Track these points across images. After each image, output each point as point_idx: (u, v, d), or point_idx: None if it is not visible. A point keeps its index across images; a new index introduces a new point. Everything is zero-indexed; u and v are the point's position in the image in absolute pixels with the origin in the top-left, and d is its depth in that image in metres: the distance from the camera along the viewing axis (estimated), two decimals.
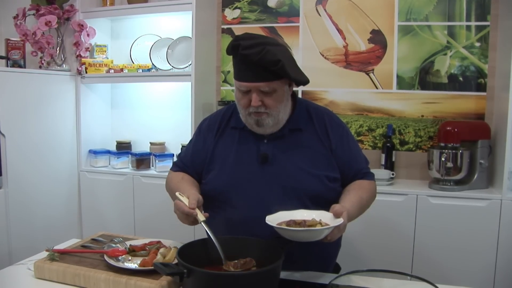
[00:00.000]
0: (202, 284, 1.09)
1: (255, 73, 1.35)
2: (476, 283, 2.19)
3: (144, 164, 2.83)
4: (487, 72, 2.48)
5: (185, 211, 1.30)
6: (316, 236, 1.22)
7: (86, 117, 2.94)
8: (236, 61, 1.40)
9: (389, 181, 2.43)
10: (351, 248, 2.30)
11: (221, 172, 1.49)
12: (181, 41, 2.79)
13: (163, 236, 1.54)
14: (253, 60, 1.31)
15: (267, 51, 1.31)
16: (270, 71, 1.33)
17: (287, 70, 1.32)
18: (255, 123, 1.43)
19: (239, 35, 1.40)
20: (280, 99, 1.41)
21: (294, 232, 1.21)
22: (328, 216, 1.29)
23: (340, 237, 1.60)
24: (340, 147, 1.51)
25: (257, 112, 1.40)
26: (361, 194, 1.45)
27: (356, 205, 1.40)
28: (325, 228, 1.22)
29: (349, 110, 2.71)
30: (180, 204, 1.32)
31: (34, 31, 2.66)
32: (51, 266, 1.31)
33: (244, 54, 1.32)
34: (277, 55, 1.31)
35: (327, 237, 1.24)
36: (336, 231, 1.25)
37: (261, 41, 1.35)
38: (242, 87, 1.38)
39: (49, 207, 2.70)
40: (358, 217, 1.46)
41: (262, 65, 1.32)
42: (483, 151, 2.34)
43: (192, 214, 1.29)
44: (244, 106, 1.41)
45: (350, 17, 2.66)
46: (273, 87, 1.37)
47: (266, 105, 1.38)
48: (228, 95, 2.92)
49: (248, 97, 1.39)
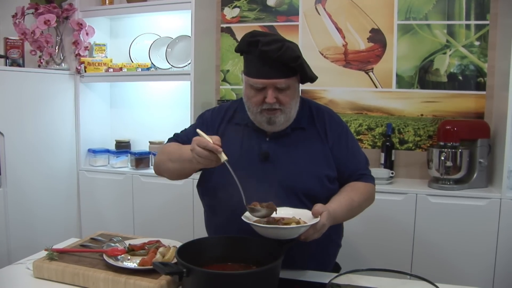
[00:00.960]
0: (201, 283, 1.08)
1: (273, 70, 1.35)
2: (476, 282, 2.19)
3: (143, 163, 2.82)
4: (487, 71, 2.48)
5: (208, 146, 1.22)
6: (290, 234, 1.21)
7: (85, 116, 2.93)
8: (251, 58, 1.39)
9: (388, 180, 2.43)
10: (351, 247, 2.30)
11: (222, 169, 1.48)
12: (180, 40, 2.78)
13: (162, 235, 1.53)
14: (273, 57, 1.31)
15: (287, 48, 1.32)
16: (288, 67, 1.34)
17: (305, 67, 1.35)
18: (266, 121, 1.42)
19: (253, 32, 1.39)
20: (293, 95, 1.42)
21: (266, 229, 1.21)
22: (310, 215, 1.28)
23: (340, 237, 1.60)
24: (337, 146, 1.50)
25: (271, 110, 1.39)
26: (352, 196, 1.43)
27: (344, 207, 1.38)
28: (299, 226, 1.21)
29: (349, 109, 2.70)
30: (203, 140, 1.24)
31: (33, 30, 2.66)
32: (50, 265, 1.30)
33: (264, 50, 1.32)
34: (295, 51, 1.33)
35: (301, 236, 1.23)
36: (312, 231, 1.24)
37: (279, 38, 1.36)
38: (258, 84, 1.38)
39: (48, 207, 2.70)
40: (347, 219, 1.45)
41: (281, 62, 1.32)
42: (482, 150, 2.34)
43: (217, 150, 1.22)
44: (257, 103, 1.40)
45: (349, 16, 2.66)
46: (288, 83, 1.38)
47: (281, 101, 1.39)
48: (227, 94, 2.92)
49: (262, 94, 1.38)
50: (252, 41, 1.35)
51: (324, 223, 1.25)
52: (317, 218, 1.24)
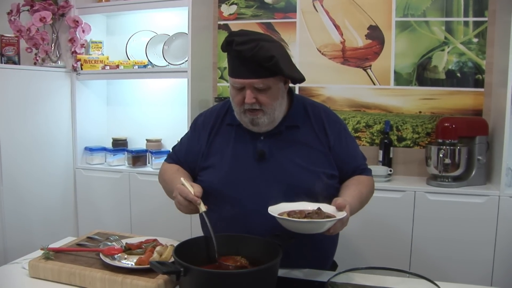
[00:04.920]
0: (199, 282, 1.07)
1: (248, 70, 1.33)
2: (474, 279, 2.18)
3: (140, 161, 2.81)
4: (485, 68, 2.47)
5: (189, 197, 1.31)
6: (319, 228, 1.21)
7: (82, 114, 2.91)
8: (230, 57, 1.38)
9: (386, 178, 2.42)
10: (349, 245, 2.29)
11: (218, 169, 1.47)
12: (177, 37, 2.77)
13: (159, 234, 1.52)
14: (247, 56, 1.30)
15: (261, 47, 1.29)
16: (264, 67, 1.31)
17: (281, 67, 1.30)
18: (249, 122, 1.41)
19: (234, 31, 1.39)
20: (275, 96, 1.39)
21: (297, 224, 1.20)
22: (331, 209, 1.28)
23: (337, 234, 1.60)
24: (338, 144, 1.50)
25: (252, 110, 1.38)
26: (360, 189, 1.45)
27: (356, 200, 1.40)
28: (329, 220, 1.20)
29: (347, 106, 2.70)
30: (184, 190, 1.32)
31: (28, 27, 2.64)
32: (46, 265, 1.29)
33: (237, 50, 1.31)
34: (270, 51, 1.30)
35: (330, 230, 1.24)
36: (339, 224, 1.25)
37: (255, 37, 1.33)
38: (236, 84, 1.37)
39: (45, 205, 2.68)
40: (358, 211, 1.45)
41: (255, 61, 1.30)
42: (481, 147, 2.33)
43: (196, 201, 1.30)
44: (238, 103, 1.40)
45: (347, 13, 2.65)
46: (267, 84, 1.35)
47: (261, 102, 1.37)
48: (224, 92, 2.90)
49: (242, 94, 1.37)
50: (229, 40, 1.34)
51: (349, 216, 1.27)
52: (343, 212, 1.25)
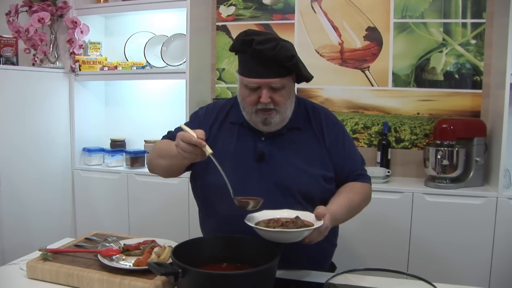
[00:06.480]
0: (197, 284, 1.07)
1: (267, 69, 1.33)
2: (472, 281, 2.19)
3: (138, 162, 2.81)
4: (483, 70, 2.48)
5: (192, 140, 1.21)
6: (294, 237, 1.20)
7: (80, 115, 2.91)
8: (246, 57, 1.37)
9: (384, 179, 2.43)
10: (347, 246, 2.29)
11: (217, 168, 1.47)
12: (175, 38, 2.77)
13: (157, 235, 1.52)
14: (267, 56, 1.30)
15: (282, 47, 1.30)
16: (283, 66, 1.32)
17: (300, 66, 1.33)
18: (261, 122, 1.41)
19: (247, 31, 1.37)
20: (288, 95, 1.40)
21: (271, 233, 1.19)
22: (311, 217, 1.27)
23: (335, 236, 1.60)
24: (334, 146, 1.49)
25: (265, 110, 1.38)
26: (351, 197, 1.43)
27: (344, 208, 1.38)
28: (303, 230, 1.19)
29: (345, 107, 2.70)
30: (187, 135, 1.23)
31: (27, 28, 2.63)
32: (44, 266, 1.29)
33: (258, 49, 1.30)
34: (290, 50, 1.31)
35: (305, 239, 1.22)
36: (316, 234, 1.23)
37: (273, 37, 1.35)
38: (252, 84, 1.36)
39: (43, 206, 2.68)
40: (347, 220, 1.44)
41: (276, 61, 1.31)
42: (479, 148, 2.34)
43: (201, 144, 1.22)
44: (251, 103, 1.39)
45: (345, 14, 2.65)
46: (283, 83, 1.36)
47: (275, 101, 1.37)
48: (223, 93, 2.90)
49: (257, 94, 1.37)
50: (246, 40, 1.33)
51: (328, 226, 1.25)
52: (320, 221, 1.23)
